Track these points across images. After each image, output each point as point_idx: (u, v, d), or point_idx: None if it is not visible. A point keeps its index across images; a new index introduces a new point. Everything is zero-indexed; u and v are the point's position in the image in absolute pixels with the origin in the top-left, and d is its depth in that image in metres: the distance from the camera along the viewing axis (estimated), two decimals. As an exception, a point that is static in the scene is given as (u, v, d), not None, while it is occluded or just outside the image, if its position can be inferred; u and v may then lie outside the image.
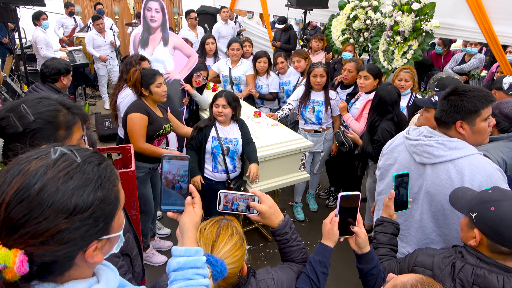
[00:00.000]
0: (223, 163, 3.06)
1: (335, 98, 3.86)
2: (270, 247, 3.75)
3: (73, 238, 0.75)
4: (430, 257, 1.47)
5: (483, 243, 1.34)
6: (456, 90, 1.73)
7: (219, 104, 3.00)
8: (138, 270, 1.50)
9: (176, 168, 1.18)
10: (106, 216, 0.81)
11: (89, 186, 0.77)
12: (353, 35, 5.50)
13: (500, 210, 1.28)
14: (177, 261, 1.05)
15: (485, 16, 4.17)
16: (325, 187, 4.83)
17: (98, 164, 0.81)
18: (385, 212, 1.67)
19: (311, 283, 1.37)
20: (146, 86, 2.92)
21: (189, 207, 1.16)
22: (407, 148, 1.90)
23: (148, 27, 3.77)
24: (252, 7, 8.58)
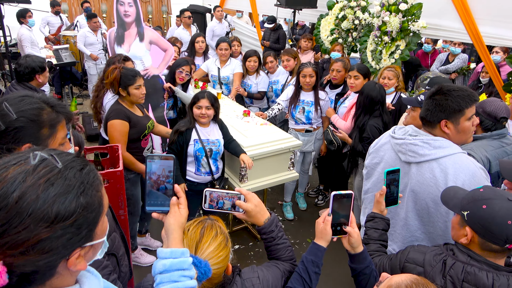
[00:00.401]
0: (206, 165, 3.01)
1: (324, 98, 3.88)
2: (259, 246, 3.75)
3: (54, 247, 0.72)
4: (421, 254, 1.49)
5: (474, 241, 1.36)
6: (440, 90, 1.75)
7: (202, 105, 2.90)
8: (125, 270, 1.48)
9: (161, 168, 1.16)
10: (89, 223, 0.78)
11: (71, 193, 0.73)
12: (341, 35, 5.54)
13: (492, 208, 1.29)
14: (162, 263, 1.03)
15: (471, 17, 4.23)
16: (314, 186, 4.85)
17: (80, 169, 0.78)
18: (376, 207, 1.69)
19: (303, 282, 1.37)
20: (124, 86, 2.82)
21: (175, 208, 1.14)
22: (393, 147, 1.92)
23: (123, 22, 3.66)
24: (241, 7, 8.57)
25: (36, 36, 6.38)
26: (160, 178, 1.16)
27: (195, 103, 2.93)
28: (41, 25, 7.81)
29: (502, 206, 1.28)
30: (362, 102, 3.26)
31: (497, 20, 4.07)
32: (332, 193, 1.34)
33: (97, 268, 1.19)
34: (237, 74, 4.60)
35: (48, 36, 7.88)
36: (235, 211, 1.38)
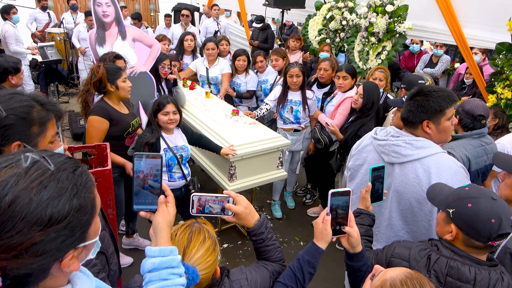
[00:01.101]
0: (179, 170, 2.98)
1: (312, 98, 3.92)
2: (248, 244, 3.77)
3: (48, 250, 0.72)
4: (407, 249, 1.52)
5: (459, 238, 1.39)
6: (421, 91, 1.80)
7: (169, 111, 2.80)
8: (115, 269, 1.48)
9: (149, 167, 1.15)
10: (83, 225, 0.78)
11: (64, 195, 0.73)
12: (329, 35, 5.59)
13: (477, 207, 1.33)
14: (151, 262, 1.03)
15: (455, 19, 4.32)
16: (302, 184, 4.89)
17: (73, 171, 0.77)
18: (361, 204, 1.70)
19: (296, 281, 1.35)
20: (112, 81, 2.81)
21: (162, 206, 1.14)
22: (376, 148, 1.94)
23: (102, 23, 3.63)
24: (229, 6, 8.56)
25: (21, 32, 6.27)
26: (148, 176, 1.16)
27: (160, 110, 2.81)
28: (28, 21, 7.69)
29: (486, 204, 1.32)
30: (369, 103, 3.29)
31: (480, 22, 4.16)
32: (330, 191, 1.31)
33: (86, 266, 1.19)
34: (225, 75, 4.61)
35: (35, 32, 7.74)
36: (224, 215, 1.35)
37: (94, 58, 3.66)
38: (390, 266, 1.52)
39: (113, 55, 3.24)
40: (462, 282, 1.33)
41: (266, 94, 4.55)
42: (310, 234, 4.00)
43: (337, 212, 1.33)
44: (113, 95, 2.87)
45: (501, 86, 3.71)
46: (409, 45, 6.85)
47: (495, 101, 3.79)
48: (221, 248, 3.89)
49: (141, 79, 3.85)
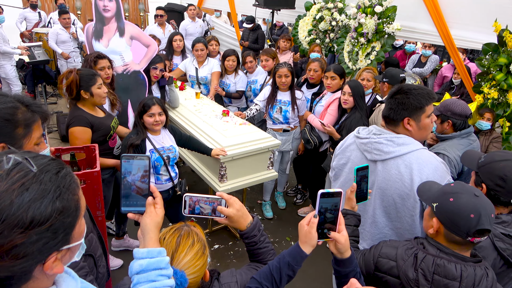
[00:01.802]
0: (166, 172, 2.95)
1: (301, 98, 3.93)
2: (239, 245, 3.76)
3: (30, 252, 0.71)
4: (394, 248, 1.53)
5: (440, 232, 1.42)
6: (401, 89, 1.84)
7: (154, 112, 2.77)
8: (103, 271, 1.46)
9: (137, 168, 1.15)
10: (66, 227, 0.77)
11: (46, 197, 0.72)
12: (319, 35, 5.62)
13: (458, 202, 1.35)
14: (139, 263, 1.03)
15: (443, 20, 4.38)
16: (293, 185, 4.90)
17: (56, 172, 0.77)
18: (347, 204, 1.70)
19: (272, 281, 1.28)
20: (86, 88, 2.72)
21: (150, 208, 1.13)
22: (359, 147, 1.97)
23: (101, 17, 3.58)
24: (219, 6, 8.54)
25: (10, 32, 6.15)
26: (135, 178, 1.15)
27: (145, 111, 2.78)
28: (17, 20, 7.56)
29: (468, 200, 1.35)
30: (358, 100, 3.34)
31: (467, 23, 4.23)
32: (320, 191, 1.22)
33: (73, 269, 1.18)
34: (215, 73, 4.59)
35: (24, 32, 7.63)
36: (216, 216, 1.33)
37: (89, 51, 3.61)
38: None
39: (95, 55, 3.15)
40: (448, 280, 1.35)
41: (255, 95, 4.55)
42: (301, 234, 4.01)
43: (325, 216, 1.25)
44: (88, 102, 2.80)
45: (488, 86, 3.77)
46: (397, 46, 6.92)
47: (482, 101, 3.85)
48: (212, 249, 3.90)
49: (134, 77, 3.82)
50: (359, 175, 1.63)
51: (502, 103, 3.73)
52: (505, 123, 3.72)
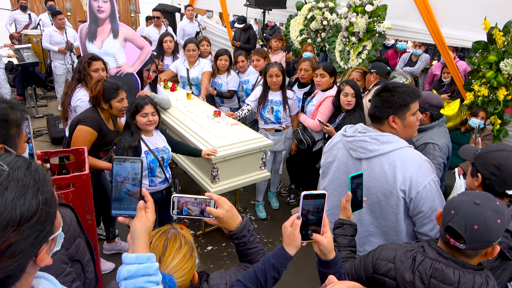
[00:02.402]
0: (161, 174, 2.92)
1: (292, 97, 3.92)
2: (232, 246, 3.74)
3: (24, 248, 0.72)
4: (393, 251, 1.51)
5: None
6: (386, 87, 1.84)
7: (148, 112, 2.75)
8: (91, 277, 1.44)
9: (128, 171, 1.12)
10: (51, 217, 0.79)
11: (28, 193, 0.73)
12: (310, 35, 5.62)
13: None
14: (127, 269, 1.01)
15: (433, 19, 4.40)
16: (286, 185, 4.89)
17: (27, 167, 0.77)
18: (343, 214, 1.66)
19: (258, 284, 1.27)
20: (107, 100, 2.79)
21: (141, 212, 1.11)
22: (345, 145, 1.97)
23: (96, 18, 3.55)
24: (211, 6, 8.52)
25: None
26: (126, 181, 1.13)
27: (138, 111, 2.75)
28: (7, 22, 7.48)
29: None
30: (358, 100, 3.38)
31: (457, 22, 4.25)
32: (303, 193, 1.22)
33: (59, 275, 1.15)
34: (205, 73, 4.57)
35: (13, 33, 7.53)
36: (205, 217, 1.32)
37: (82, 53, 3.57)
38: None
39: (89, 56, 3.15)
40: (445, 284, 1.32)
41: (247, 95, 4.53)
42: (295, 234, 4.00)
43: (308, 218, 1.24)
44: (106, 111, 2.86)
45: (478, 83, 3.79)
46: (388, 46, 6.95)
47: (473, 98, 3.87)
48: (205, 250, 3.88)
49: (127, 80, 3.78)
50: (354, 183, 1.59)
51: (492, 101, 3.75)
52: (496, 120, 3.75)
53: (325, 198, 1.23)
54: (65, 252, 1.28)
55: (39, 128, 6.08)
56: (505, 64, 3.52)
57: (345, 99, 3.38)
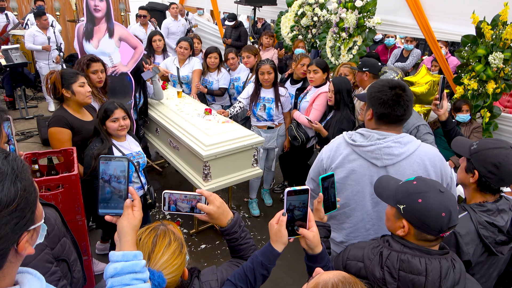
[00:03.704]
0: (137, 179, 2.83)
1: (284, 94, 3.91)
2: (226, 244, 3.73)
3: (4, 234, 0.74)
4: (361, 249, 1.49)
5: (410, 233, 1.38)
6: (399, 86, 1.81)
7: (118, 117, 2.61)
8: (78, 276, 1.43)
9: (113, 169, 1.13)
10: (31, 205, 0.80)
11: (6, 179, 0.76)
12: (301, 31, 5.61)
13: (426, 202, 1.32)
14: (113, 266, 1.01)
15: (423, 13, 4.41)
16: (279, 181, 4.89)
17: (4, 157, 0.79)
18: (315, 215, 1.63)
19: (247, 282, 1.28)
20: (67, 86, 2.65)
21: (128, 210, 1.12)
22: (362, 155, 1.86)
23: (92, 17, 3.53)
24: (201, 4, 8.48)
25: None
26: (112, 179, 1.13)
27: (108, 116, 2.61)
28: None
29: (435, 199, 1.32)
30: (340, 98, 3.33)
31: (446, 16, 4.27)
32: (286, 189, 1.23)
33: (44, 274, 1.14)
34: (196, 71, 4.55)
35: None
36: (196, 213, 1.32)
37: (79, 52, 3.55)
38: (347, 270, 1.49)
39: (87, 58, 3.09)
40: (414, 275, 1.32)
41: (239, 92, 4.52)
42: (288, 230, 4.01)
43: (294, 214, 1.26)
44: (71, 102, 2.73)
45: (467, 77, 3.81)
46: (376, 41, 6.96)
47: (463, 92, 3.89)
48: (199, 249, 3.87)
49: (121, 79, 3.76)
50: (326, 182, 1.57)
51: (482, 94, 3.78)
52: (486, 113, 3.77)
53: (308, 193, 1.25)
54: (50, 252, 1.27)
55: (29, 129, 6.02)
56: (493, 58, 3.55)
57: (327, 95, 3.40)
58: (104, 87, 3.24)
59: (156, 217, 4.09)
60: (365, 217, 1.94)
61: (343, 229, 2.04)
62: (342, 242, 2.03)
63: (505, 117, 3.94)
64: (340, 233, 2.05)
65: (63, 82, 2.65)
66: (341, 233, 2.04)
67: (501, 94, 3.82)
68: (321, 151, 2.06)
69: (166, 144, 3.84)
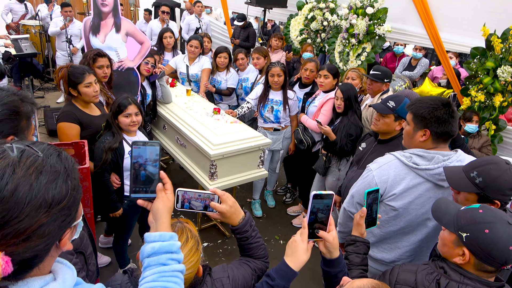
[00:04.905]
0: None
1: (293, 98, 3.94)
2: (228, 243, 3.76)
3: (52, 230, 0.76)
4: (412, 274, 1.45)
5: (470, 262, 1.34)
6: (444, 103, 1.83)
7: (131, 113, 2.66)
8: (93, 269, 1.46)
9: (147, 153, 1.16)
10: (76, 204, 0.84)
11: (59, 178, 0.78)
12: (310, 35, 5.64)
13: (494, 234, 1.27)
14: (151, 246, 1.04)
15: (433, 23, 4.44)
16: (282, 183, 4.92)
17: (58, 155, 0.82)
18: (356, 230, 1.60)
19: None
20: (73, 86, 2.67)
21: (162, 193, 1.15)
22: (429, 178, 1.85)
23: (99, 12, 3.54)
24: (211, 3, 8.51)
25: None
26: (147, 162, 1.16)
27: (121, 111, 2.65)
28: (3, 12, 7.43)
29: (504, 231, 1.27)
30: (347, 102, 3.34)
31: (456, 27, 4.30)
32: (312, 193, 1.25)
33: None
34: (205, 70, 4.58)
35: (10, 24, 7.47)
36: (209, 211, 1.34)
37: (86, 46, 3.58)
38: None
39: (94, 52, 3.09)
40: None
41: (246, 93, 4.55)
42: (290, 232, 4.03)
43: (317, 216, 1.27)
44: (79, 99, 2.76)
45: (475, 89, 3.84)
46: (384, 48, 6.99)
47: (469, 103, 3.92)
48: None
49: (128, 74, 3.79)
50: (371, 198, 1.55)
51: (488, 106, 3.81)
52: (491, 126, 3.80)
53: (333, 198, 1.26)
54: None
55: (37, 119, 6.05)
56: (502, 71, 3.58)
57: (336, 102, 3.41)
58: (109, 82, 3.26)
59: (159, 213, 4.12)
60: (425, 237, 1.93)
61: (397, 248, 2.02)
62: (394, 262, 2.01)
63: (510, 130, 3.97)
64: (393, 252, 2.03)
65: (69, 82, 2.67)
66: (394, 252, 2.02)
67: (508, 108, 3.85)
68: (368, 174, 2.00)
69: (173, 141, 3.87)
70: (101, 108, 2.99)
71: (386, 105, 2.40)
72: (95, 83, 2.75)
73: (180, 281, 1.05)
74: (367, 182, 1.96)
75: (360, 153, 2.74)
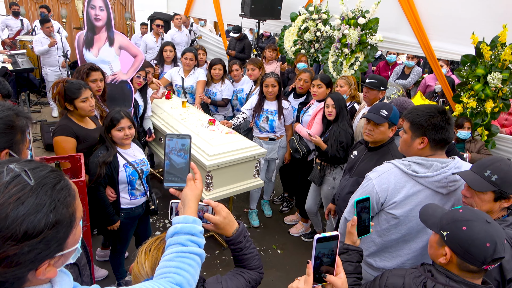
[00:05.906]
0: (140, 186, 2.86)
1: (287, 108, 3.98)
2: (225, 254, 3.76)
3: (22, 261, 0.73)
4: (400, 277, 1.46)
5: (453, 261, 1.36)
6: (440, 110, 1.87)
7: (124, 126, 2.67)
8: (87, 281, 1.46)
9: (179, 145, 1.24)
10: (59, 238, 0.79)
11: (41, 211, 0.74)
12: (304, 46, 5.71)
13: (472, 230, 1.29)
14: (174, 226, 1.10)
15: (423, 32, 4.52)
16: (279, 193, 4.93)
17: (53, 186, 0.79)
18: (348, 239, 1.60)
19: None
20: (70, 101, 2.70)
21: (191, 182, 1.22)
22: (429, 186, 1.86)
23: (93, 26, 3.60)
24: (206, 15, 8.61)
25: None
26: (178, 153, 1.24)
27: (114, 125, 2.67)
28: None
29: (481, 228, 1.29)
30: (338, 110, 3.39)
31: (446, 35, 4.37)
32: (316, 236, 1.15)
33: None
34: (200, 82, 4.63)
35: (5, 40, 7.52)
36: (203, 222, 1.32)
37: (80, 61, 3.61)
38: None
39: (88, 66, 3.12)
40: None
41: (241, 104, 4.59)
42: (287, 242, 4.04)
43: (323, 260, 1.19)
44: (74, 113, 2.78)
45: (467, 96, 3.89)
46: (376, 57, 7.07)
47: (462, 110, 3.97)
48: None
49: (121, 87, 3.83)
50: (359, 207, 1.55)
51: (480, 113, 3.85)
52: (484, 131, 3.85)
53: (338, 240, 1.18)
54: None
55: (33, 134, 6.06)
56: (492, 78, 3.63)
57: (327, 110, 3.46)
58: (103, 95, 3.28)
59: (156, 225, 4.12)
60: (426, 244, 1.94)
61: (399, 256, 2.03)
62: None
63: (501, 138, 4.02)
64: (394, 260, 2.04)
65: (66, 97, 2.69)
66: (396, 260, 2.03)
67: (499, 113, 3.89)
68: (368, 183, 1.99)
69: (169, 153, 3.88)
70: (96, 121, 3.02)
71: (379, 114, 2.44)
72: (91, 98, 2.77)
73: (196, 265, 1.08)
74: (368, 191, 1.96)
75: (351, 161, 2.77)
